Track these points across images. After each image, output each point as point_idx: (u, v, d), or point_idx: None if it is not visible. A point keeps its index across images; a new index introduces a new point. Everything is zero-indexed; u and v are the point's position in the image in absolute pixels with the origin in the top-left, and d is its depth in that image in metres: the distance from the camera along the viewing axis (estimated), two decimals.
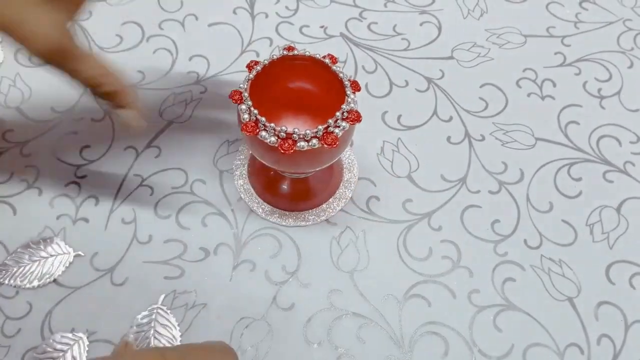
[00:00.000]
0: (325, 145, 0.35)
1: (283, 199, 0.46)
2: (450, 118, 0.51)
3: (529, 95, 0.52)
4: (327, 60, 0.38)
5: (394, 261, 0.44)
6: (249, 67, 0.39)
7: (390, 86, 0.53)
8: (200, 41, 0.55)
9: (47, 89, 0.51)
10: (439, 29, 0.56)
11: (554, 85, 0.53)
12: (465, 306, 0.42)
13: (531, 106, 0.52)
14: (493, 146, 0.49)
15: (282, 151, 0.35)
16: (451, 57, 0.54)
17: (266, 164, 0.40)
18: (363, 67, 0.54)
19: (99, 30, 0.55)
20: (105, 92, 0.36)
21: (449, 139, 0.50)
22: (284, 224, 0.45)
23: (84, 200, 0.46)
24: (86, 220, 0.45)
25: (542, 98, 0.52)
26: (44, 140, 0.49)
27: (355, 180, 0.47)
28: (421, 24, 0.57)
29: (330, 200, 0.46)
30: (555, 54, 0.55)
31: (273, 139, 0.36)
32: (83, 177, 0.47)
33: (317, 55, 0.39)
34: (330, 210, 0.46)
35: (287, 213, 0.45)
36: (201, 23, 0.56)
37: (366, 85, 0.52)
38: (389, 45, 0.55)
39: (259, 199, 0.46)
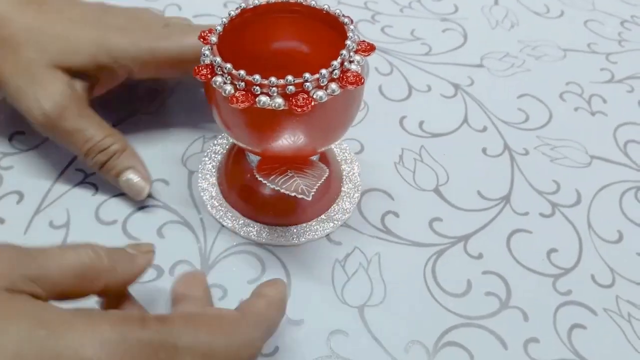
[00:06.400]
0: (350, 87, 0.25)
1: (267, 207, 0.34)
2: (485, 128, 0.41)
3: (576, 109, 0.43)
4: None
5: (421, 296, 0.32)
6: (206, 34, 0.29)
7: (409, 90, 0.43)
8: None
9: None
10: (465, 36, 0.48)
11: (604, 101, 0.44)
12: None
13: (580, 121, 0.42)
14: (540, 162, 0.39)
15: (299, 111, 0.25)
16: (481, 65, 0.46)
17: (255, 150, 0.29)
18: (376, 69, 0.44)
19: None
20: (109, 155, 0.33)
21: (484, 150, 0.39)
22: (266, 240, 0.33)
23: (4, 196, 0.34)
24: (1, 220, 0.33)
25: (592, 114, 0.43)
26: None
27: (359, 183, 0.36)
28: (443, 31, 0.49)
29: (332, 209, 0.35)
30: (601, 70, 0.47)
31: (279, 100, 0.25)
32: (8, 168, 0.36)
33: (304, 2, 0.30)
34: (331, 224, 0.34)
35: (273, 226, 0.34)
36: (185, 14, 0.47)
37: (380, 88, 0.43)
38: (407, 49, 0.46)
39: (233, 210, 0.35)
